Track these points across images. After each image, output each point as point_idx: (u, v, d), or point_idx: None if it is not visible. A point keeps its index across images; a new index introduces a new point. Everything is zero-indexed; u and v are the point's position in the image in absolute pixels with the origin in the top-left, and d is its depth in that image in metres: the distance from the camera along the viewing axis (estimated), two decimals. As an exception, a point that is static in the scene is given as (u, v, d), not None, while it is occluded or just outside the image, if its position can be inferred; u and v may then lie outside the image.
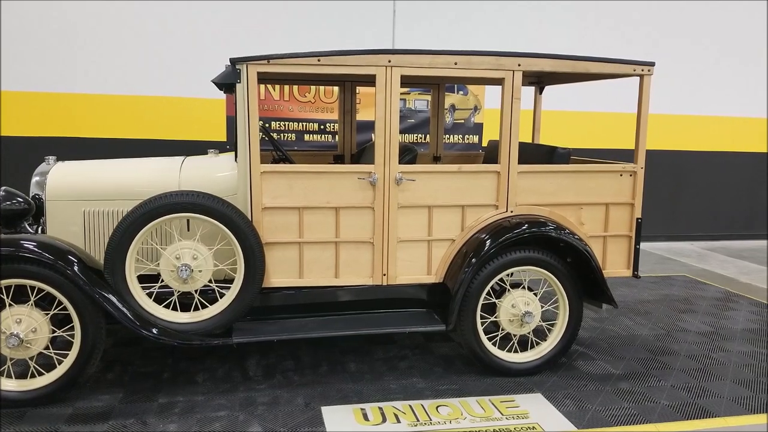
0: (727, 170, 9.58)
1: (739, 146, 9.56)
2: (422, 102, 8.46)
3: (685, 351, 4.90)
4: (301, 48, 7.78)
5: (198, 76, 7.75)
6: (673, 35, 9.04)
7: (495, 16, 8.52)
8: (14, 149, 7.43)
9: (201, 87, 7.75)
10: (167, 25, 7.66)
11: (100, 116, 7.61)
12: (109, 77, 7.58)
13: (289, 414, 3.71)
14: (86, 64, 7.51)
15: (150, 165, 4.25)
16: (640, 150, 4.43)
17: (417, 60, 3.99)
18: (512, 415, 3.77)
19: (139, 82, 7.66)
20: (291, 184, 3.98)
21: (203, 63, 7.73)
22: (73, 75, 7.50)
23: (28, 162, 7.35)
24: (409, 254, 4.20)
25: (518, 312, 4.25)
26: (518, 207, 4.27)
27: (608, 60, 4.27)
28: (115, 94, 7.62)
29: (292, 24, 7.99)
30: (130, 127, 7.70)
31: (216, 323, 3.84)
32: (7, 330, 3.59)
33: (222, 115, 7.88)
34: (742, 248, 9.15)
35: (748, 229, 9.79)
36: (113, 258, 3.67)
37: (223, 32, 7.82)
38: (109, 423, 3.55)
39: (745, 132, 9.54)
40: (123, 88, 7.63)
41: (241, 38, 7.86)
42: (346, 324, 4.08)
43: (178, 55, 7.72)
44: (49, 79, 7.43)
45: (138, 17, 7.57)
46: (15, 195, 3.96)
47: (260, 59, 3.85)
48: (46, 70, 7.41)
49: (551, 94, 7.78)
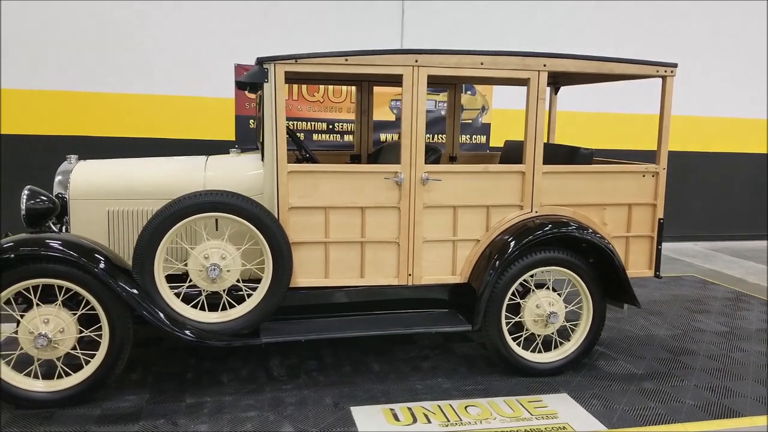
0: (731, 171, 9.64)
1: (743, 147, 9.61)
2: (431, 102, 8.45)
3: (703, 351, 4.92)
4: (307, 48, 7.74)
5: (205, 75, 7.73)
6: (673, 35, 9.08)
7: (496, 16, 8.54)
8: (13, 148, 7.36)
9: (208, 86, 7.73)
10: (167, 24, 7.62)
11: (99, 116, 7.56)
12: (109, 77, 7.52)
13: (318, 414, 3.70)
14: (87, 63, 7.45)
15: (174, 164, 4.23)
16: (662, 151, 4.45)
17: (444, 60, 3.98)
18: (541, 415, 3.78)
19: (142, 81, 7.62)
20: (317, 183, 3.97)
21: (210, 62, 7.71)
22: (74, 74, 7.44)
23: (29, 161, 7.36)
24: (434, 254, 4.19)
25: (543, 312, 4.25)
26: (542, 207, 4.27)
27: (633, 61, 4.28)
28: (118, 93, 7.57)
29: (296, 24, 7.97)
30: (135, 127, 7.65)
31: (244, 323, 3.82)
32: (36, 330, 3.56)
33: (231, 115, 7.84)
34: (746, 248, 9.20)
35: (750, 230, 9.85)
36: (142, 257, 3.64)
37: (227, 32, 7.78)
38: (139, 424, 3.53)
39: (749, 133, 9.60)
40: (127, 87, 7.58)
41: (247, 38, 7.83)
42: (373, 324, 4.07)
43: (184, 54, 7.68)
44: (49, 78, 7.36)
45: (143, 17, 7.53)
46: (39, 194, 3.93)
47: (288, 58, 3.84)
48: (46, 69, 7.35)
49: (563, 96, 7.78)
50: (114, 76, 7.51)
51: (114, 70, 7.51)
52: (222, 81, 7.79)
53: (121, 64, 7.52)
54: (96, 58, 7.45)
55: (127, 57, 7.52)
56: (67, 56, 7.37)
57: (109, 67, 7.50)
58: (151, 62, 7.59)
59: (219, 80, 7.79)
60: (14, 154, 7.38)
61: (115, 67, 7.51)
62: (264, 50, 7.64)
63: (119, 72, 7.53)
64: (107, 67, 7.49)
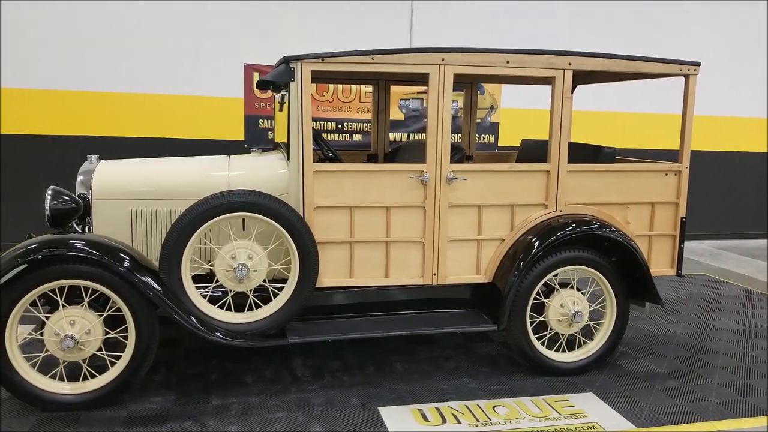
0: (736, 169, 9.66)
1: (747, 146, 9.64)
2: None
3: (723, 349, 4.92)
4: (317, 48, 7.71)
5: (213, 74, 7.69)
6: (675, 36, 9.09)
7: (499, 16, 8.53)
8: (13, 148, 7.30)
9: (217, 86, 7.69)
10: (168, 24, 7.58)
11: (105, 115, 7.51)
12: (114, 76, 7.47)
13: (347, 415, 3.67)
14: (87, 62, 7.40)
15: (196, 164, 4.20)
16: (685, 149, 4.45)
17: (470, 58, 3.97)
18: (570, 414, 3.76)
19: (148, 81, 7.57)
20: (342, 183, 3.95)
21: (218, 62, 7.67)
22: (73, 73, 7.39)
23: (28, 161, 7.30)
24: (458, 254, 4.18)
25: (567, 312, 4.24)
26: (567, 206, 4.26)
27: (658, 60, 4.28)
28: (124, 93, 7.52)
29: (302, 24, 7.94)
30: (142, 126, 7.60)
31: (270, 323, 3.80)
32: (62, 332, 3.53)
33: (240, 114, 7.81)
34: (753, 247, 9.23)
35: (756, 228, 9.88)
36: (170, 257, 3.61)
37: (231, 31, 7.74)
38: (167, 425, 3.50)
39: (753, 132, 9.63)
40: (132, 86, 7.52)
41: (254, 38, 7.79)
42: (400, 324, 4.05)
43: (192, 54, 7.63)
44: (49, 77, 7.31)
45: (150, 14, 7.49)
46: (63, 194, 3.90)
47: (314, 57, 3.81)
48: (46, 68, 7.29)
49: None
50: (120, 75, 7.46)
51: (119, 69, 7.46)
52: (230, 81, 7.76)
53: (126, 64, 7.47)
54: (96, 57, 7.40)
55: (131, 56, 7.47)
56: (66, 56, 7.31)
57: (114, 67, 7.45)
58: (157, 62, 7.54)
59: (228, 80, 7.75)
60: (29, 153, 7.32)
61: (120, 66, 7.46)
62: (271, 50, 7.69)
63: (126, 71, 7.48)
64: (111, 66, 7.44)
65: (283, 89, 4.36)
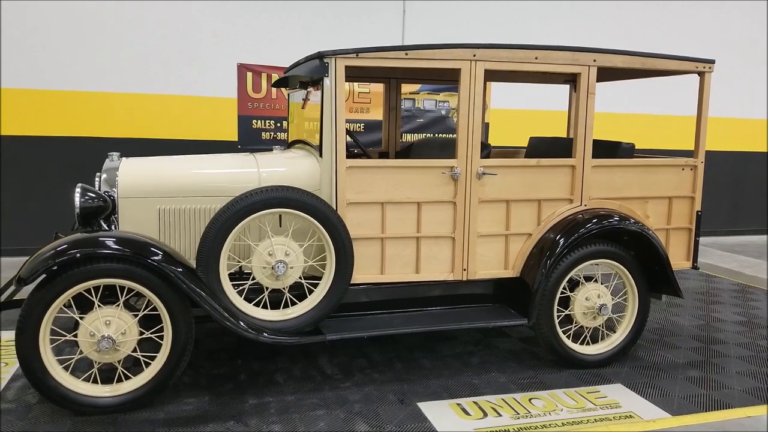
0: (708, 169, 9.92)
1: (724, 145, 9.93)
2: (431, 102, 8.49)
3: (732, 340, 5.06)
4: (308, 48, 7.67)
5: (205, 74, 7.59)
6: (677, 36, 9.32)
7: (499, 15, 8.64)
8: (14, 149, 7.10)
9: (209, 86, 7.59)
10: (160, 25, 7.46)
11: (95, 116, 7.35)
12: (105, 76, 7.32)
13: (387, 411, 3.66)
14: (77, 63, 7.23)
15: (223, 162, 4.14)
16: (700, 145, 4.57)
17: (500, 54, 4.01)
18: (605, 405, 3.82)
19: (140, 81, 7.43)
20: (374, 179, 3.94)
21: (210, 62, 7.58)
22: (64, 74, 7.21)
23: (29, 161, 7.12)
24: (487, 249, 4.21)
25: (593, 305, 4.31)
26: (591, 201, 4.33)
27: (674, 57, 4.39)
28: (115, 93, 7.36)
29: (299, 24, 7.90)
30: (133, 126, 7.46)
31: (307, 320, 3.76)
32: (98, 333, 3.43)
33: (233, 115, 7.72)
34: (733, 243, 9.50)
35: (732, 225, 10.17)
36: (208, 255, 3.55)
37: (226, 31, 7.66)
38: (209, 425, 3.43)
39: (732, 132, 9.93)
40: (123, 86, 7.37)
41: (248, 38, 7.72)
42: (432, 320, 4.06)
43: (184, 54, 7.52)
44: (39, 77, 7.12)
45: (143, 14, 7.35)
46: (90, 191, 3.80)
47: (349, 53, 3.80)
48: (46, 67, 7.11)
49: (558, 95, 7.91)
50: (110, 76, 7.30)
51: (109, 70, 7.30)
52: (223, 81, 7.66)
53: (118, 64, 7.32)
54: (86, 59, 7.23)
55: (123, 56, 7.32)
56: (57, 57, 7.13)
57: (104, 68, 7.29)
58: (149, 62, 7.40)
59: (220, 80, 7.66)
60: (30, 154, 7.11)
61: (111, 66, 7.30)
62: (262, 51, 7.64)
63: (115, 71, 7.32)
64: (104, 66, 7.28)
65: (309, 86, 4.32)
